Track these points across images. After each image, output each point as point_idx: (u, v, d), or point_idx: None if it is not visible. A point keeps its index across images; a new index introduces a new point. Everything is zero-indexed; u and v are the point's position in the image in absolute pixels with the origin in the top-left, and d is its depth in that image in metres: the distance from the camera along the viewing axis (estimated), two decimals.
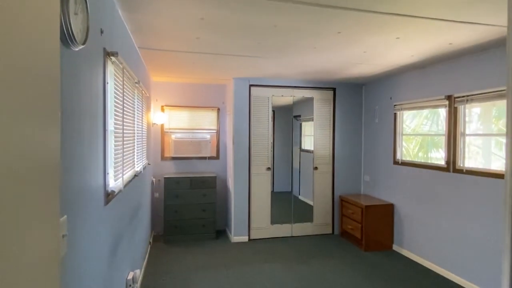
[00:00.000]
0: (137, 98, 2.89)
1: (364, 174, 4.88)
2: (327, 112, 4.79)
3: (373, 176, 4.66)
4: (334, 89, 4.78)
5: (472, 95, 3.05)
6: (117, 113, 2.00)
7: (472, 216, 3.07)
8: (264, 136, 4.56)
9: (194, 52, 3.12)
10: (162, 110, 4.76)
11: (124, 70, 2.18)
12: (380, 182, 4.49)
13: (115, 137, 1.95)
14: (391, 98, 4.26)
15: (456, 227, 3.25)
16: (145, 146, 3.55)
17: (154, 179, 4.70)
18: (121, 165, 2.12)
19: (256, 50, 3.03)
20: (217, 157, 4.98)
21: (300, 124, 5.00)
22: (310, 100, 4.74)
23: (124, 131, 2.21)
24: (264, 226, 4.58)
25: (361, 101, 4.92)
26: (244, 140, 4.44)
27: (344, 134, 4.85)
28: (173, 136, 4.73)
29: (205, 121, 4.93)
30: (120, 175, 2.08)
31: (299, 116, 4.88)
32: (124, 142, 2.22)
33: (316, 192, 4.77)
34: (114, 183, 1.94)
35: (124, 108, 2.21)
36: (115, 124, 1.98)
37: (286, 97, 4.66)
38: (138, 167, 2.90)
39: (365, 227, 4.12)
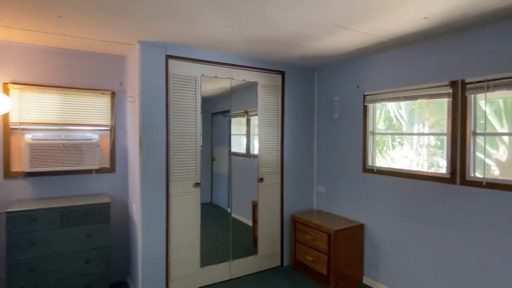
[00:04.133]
0: None
1: (318, 184, 3.82)
2: (274, 103, 3.54)
3: (330, 187, 3.63)
4: (283, 73, 3.57)
5: (496, 79, 2.22)
6: None
7: (487, 244, 2.26)
8: (191, 136, 3.01)
9: None
10: (5, 90, 2.71)
11: None
12: (341, 195, 3.49)
13: None
14: (358, 87, 3.28)
15: (464, 257, 2.41)
16: None
17: None
18: None
19: None
20: (111, 169, 3.17)
21: (230, 121, 3.60)
22: (253, 87, 3.41)
23: None
24: (191, 272, 3.04)
25: (313, 90, 3.85)
26: (158, 143, 2.82)
27: (295, 133, 3.69)
28: (28, 136, 2.73)
29: (90, 112, 3.06)
30: None
31: (228, 111, 3.47)
32: None
33: (261, 211, 3.47)
34: None
35: None
36: None
37: (222, 80, 3.21)
38: None
39: (334, 259, 3.02)
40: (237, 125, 3.49)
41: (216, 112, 3.40)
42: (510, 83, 2.15)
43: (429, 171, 2.81)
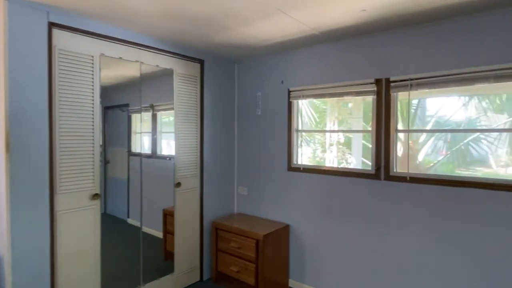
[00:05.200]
0: None
1: (239, 185, 3.53)
2: (193, 95, 3.08)
3: (252, 188, 3.40)
4: (202, 62, 3.14)
5: (420, 78, 2.33)
6: None
7: (412, 237, 2.38)
8: (87, 133, 2.31)
9: None
10: None
11: None
12: (264, 195, 3.29)
13: None
14: (282, 82, 3.13)
15: (389, 251, 2.49)
16: None
17: None
18: None
19: None
20: None
21: (129, 117, 2.98)
22: (168, 76, 2.87)
23: None
24: None
25: (234, 84, 3.54)
26: (36, 141, 2.04)
27: (215, 130, 3.31)
28: None
29: None
30: None
31: (127, 105, 2.86)
32: None
33: (179, 221, 2.97)
34: None
35: None
36: None
37: (128, 64, 2.58)
38: None
39: (262, 267, 2.78)
40: (140, 122, 2.89)
41: (111, 106, 2.73)
42: (431, 82, 2.28)
43: (356, 167, 2.85)
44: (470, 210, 2.15)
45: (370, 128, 2.67)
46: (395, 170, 2.50)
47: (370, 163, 2.66)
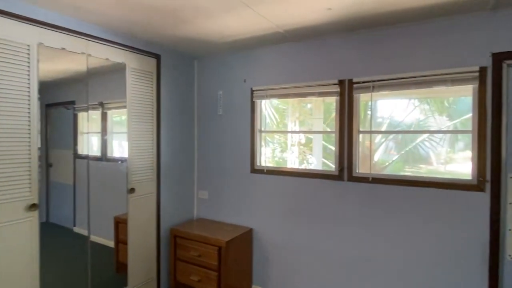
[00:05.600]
0: None
1: (199, 189, 3.35)
2: (148, 93, 2.84)
3: (214, 191, 3.24)
4: (158, 57, 2.91)
5: (381, 80, 2.35)
6: None
7: (375, 236, 2.41)
8: (21, 134, 1.99)
9: None
10: None
11: None
12: (226, 199, 3.15)
13: None
14: (245, 81, 3.02)
15: (353, 251, 2.50)
16: None
17: None
18: None
19: None
20: None
21: (75, 115, 2.68)
22: (120, 71, 2.61)
23: None
24: None
25: (193, 82, 3.35)
26: None
27: (173, 130, 3.10)
28: None
29: None
30: None
31: (72, 103, 2.57)
32: None
33: (133, 229, 2.72)
34: None
35: None
36: None
37: (74, 56, 2.29)
38: None
39: (225, 275, 2.65)
40: (87, 121, 2.60)
41: (54, 104, 2.42)
42: (392, 84, 2.32)
43: (317, 168, 2.83)
44: (428, 208, 2.22)
45: (329, 129, 2.66)
46: (357, 171, 2.51)
47: (330, 164, 2.66)
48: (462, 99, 2.78)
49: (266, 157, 3.06)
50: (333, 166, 2.63)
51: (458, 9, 2.00)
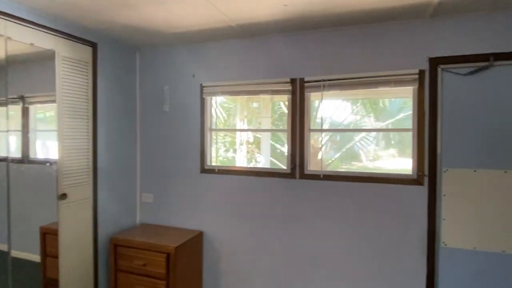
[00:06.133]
0: None
1: (143, 192, 3.09)
2: (83, 85, 2.51)
3: (160, 194, 3.01)
4: (94, 45, 2.59)
5: (332, 80, 2.41)
6: None
7: (328, 232, 2.47)
8: None
9: None
10: None
11: None
12: (174, 201, 2.95)
13: None
14: (194, 76, 2.86)
15: (307, 249, 2.52)
16: None
17: None
18: None
19: None
20: None
21: None
22: (47, 60, 2.26)
23: None
24: None
25: (135, 75, 3.07)
26: None
27: (113, 128, 2.79)
28: None
29: None
30: None
31: None
32: None
33: (65, 241, 2.38)
34: None
35: None
36: None
37: None
38: None
39: (174, 284, 2.47)
40: (6, 118, 2.21)
41: None
42: (342, 84, 2.39)
43: (265, 167, 2.80)
44: (374, 203, 2.34)
45: (276, 128, 2.66)
46: (309, 169, 2.55)
47: (278, 163, 2.66)
48: (393, 101, 3.03)
49: (212, 157, 2.94)
50: (281, 165, 2.63)
51: (400, 15, 2.14)
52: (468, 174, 2.15)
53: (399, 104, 3.28)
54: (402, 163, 2.65)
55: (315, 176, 2.49)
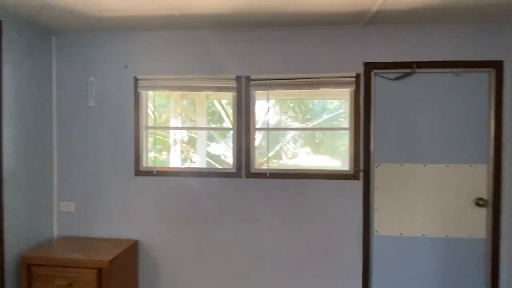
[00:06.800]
0: None
1: (61, 201, 2.64)
2: None
3: (83, 202, 2.62)
4: None
5: (277, 79, 2.43)
6: None
7: (275, 230, 2.49)
8: None
9: None
10: None
11: None
12: (103, 209, 2.60)
13: None
14: (126, 67, 2.56)
15: (255, 248, 2.50)
16: None
17: None
18: None
19: None
20: None
21: None
22: None
23: None
24: None
25: (51, 63, 2.60)
26: None
27: (23, 125, 2.31)
28: None
29: None
30: None
31: None
32: None
33: None
34: None
35: None
36: None
37: None
38: None
39: None
40: None
41: None
42: (287, 84, 2.43)
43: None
44: (316, 198, 2.45)
45: (215, 126, 2.58)
46: (255, 167, 2.53)
47: (214, 163, 2.58)
48: (317, 103, 3.27)
49: (149, 158, 2.69)
50: (218, 166, 2.56)
51: (341, 21, 2.27)
52: (395, 168, 2.41)
53: (322, 105, 3.54)
54: (322, 160, 2.92)
55: (261, 175, 2.48)
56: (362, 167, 2.42)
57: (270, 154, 3.74)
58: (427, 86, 2.36)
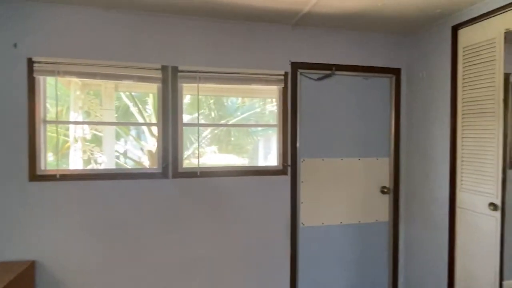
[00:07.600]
0: None
1: None
2: None
3: None
4: None
5: (208, 72, 2.29)
6: None
7: (204, 231, 2.35)
8: None
9: None
10: None
11: None
12: None
13: None
14: (16, 46, 2.03)
15: (182, 252, 2.31)
16: None
17: None
18: None
19: None
20: None
21: None
22: None
23: None
24: None
25: None
26: None
27: None
28: None
29: None
30: None
31: None
32: None
33: None
34: None
35: None
36: None
37: None
38: None
39: None
40: None
41: None
42: (217, 78, 2.33)
43: (109, 167, 2.37)
44: (247, 195, 2.43)
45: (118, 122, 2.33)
46: (183, 166, 2.34)
47: (125, 165, 2.33)
48: (232, 100, 3.32)
49: (49, 159, 2.22)
50: (128, 166, 2.31)
51: (272, 17, 2.30)
52: (318, 163, 2.59)
53: (235, 103, 3.58)
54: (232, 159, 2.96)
55: (191, 174, 2.31)
56: (290, 162, 2.51)
57: (187, 153, 3.56)
58: (344, 88, 2.61)
